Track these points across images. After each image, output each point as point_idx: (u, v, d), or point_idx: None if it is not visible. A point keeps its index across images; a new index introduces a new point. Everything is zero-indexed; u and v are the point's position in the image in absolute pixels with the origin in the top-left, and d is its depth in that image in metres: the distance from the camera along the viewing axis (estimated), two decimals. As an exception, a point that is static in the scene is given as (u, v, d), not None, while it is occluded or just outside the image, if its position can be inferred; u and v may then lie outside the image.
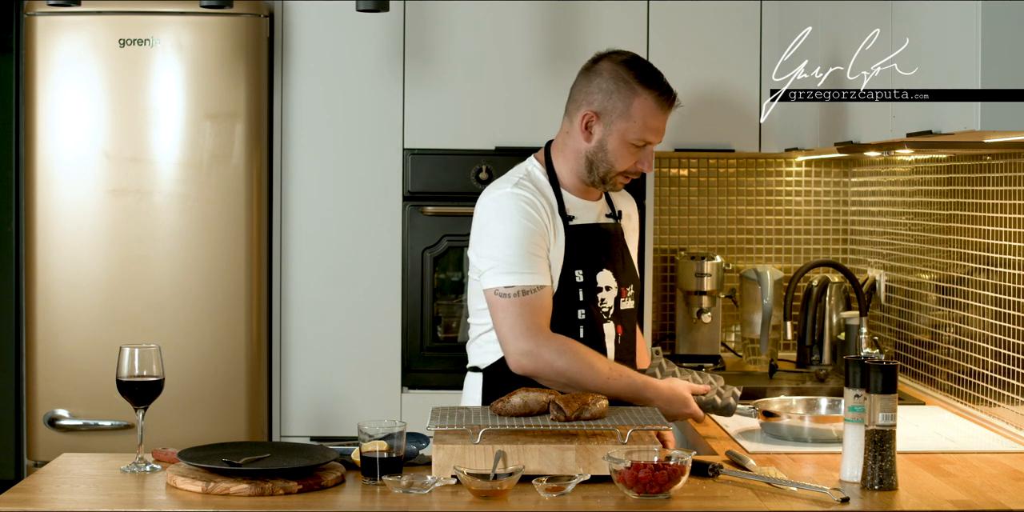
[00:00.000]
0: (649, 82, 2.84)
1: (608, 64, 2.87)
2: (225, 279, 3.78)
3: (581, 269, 2.85)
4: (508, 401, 2.58)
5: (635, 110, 2.83)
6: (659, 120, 2.85)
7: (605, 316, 2.88)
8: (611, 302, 2.90)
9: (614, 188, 2.92)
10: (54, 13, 3.70)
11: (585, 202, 2.92)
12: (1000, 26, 2.42)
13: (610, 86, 2.84)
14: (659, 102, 2.84)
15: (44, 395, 3.75)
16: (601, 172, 2.86)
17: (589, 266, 2.86)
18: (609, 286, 2.89)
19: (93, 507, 2.32)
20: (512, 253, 2.77)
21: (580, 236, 2.87)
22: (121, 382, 2.57)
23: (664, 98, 2.85)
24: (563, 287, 2.84)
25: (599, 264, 2.88)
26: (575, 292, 2.84)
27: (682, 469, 2.36)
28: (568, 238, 2.85)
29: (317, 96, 3.90)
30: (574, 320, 2.84)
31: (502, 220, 2.79)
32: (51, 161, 3.74)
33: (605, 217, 2.97)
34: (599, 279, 2.87)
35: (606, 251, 2.91)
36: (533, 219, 2.79)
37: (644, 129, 2.83)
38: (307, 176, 3.91)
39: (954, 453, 2.80)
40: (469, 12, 3.90)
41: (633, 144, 2.84)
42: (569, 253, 2.84)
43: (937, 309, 3.51)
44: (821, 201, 4.42)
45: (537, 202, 2.82)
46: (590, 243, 2.88)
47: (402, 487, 2.39)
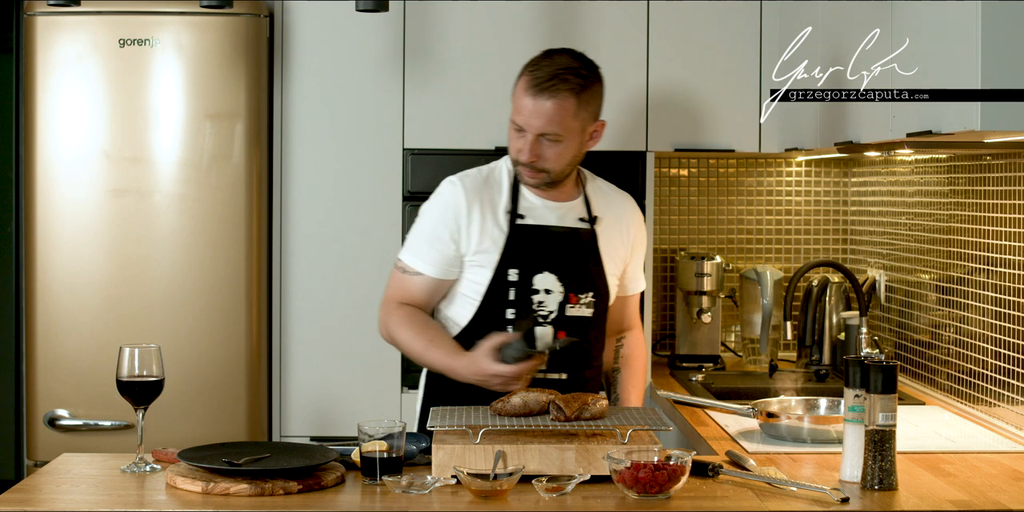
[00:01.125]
0: (532, 65, 2.83)
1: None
2: (225, 279, 3.78)
3: (517, 269, 2.84)
4: (508, 401, 2.59)
5: (515, 92, 2.85)
6: (525, 103, 2.79)
7: (541, 319, 2.85)
8: (552, 306, 2.86)
9: (523, 181, 2.87)
10: (54, 13, 3.70)
11: (548, 202, 2.89)
12: (1000, 26, 2.43)
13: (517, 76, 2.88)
14: (529, 83, 2.79)
15: (44, 395, 3.76)
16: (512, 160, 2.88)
17: (527, 267, 2.84)
18: (550, 289, 2.85)
19: (93, 507, 2.32)
20: (418, 236, 2.90)
21: (523, 236, 2.85)
22: (121, 382, 2.57)
23: (534, 81, 2.79)
24: (495, 284, 2.83)
25: (540, 266, 2.85)
26: (506, 290, 2.84)
27: (682, 469, 2.36)
28: (509, 236, 2.84)
29: (317, 96, 3.90)
30: (502, 318, 2.85)
31: (430, 207, 2.91)
32: (51, 161, 3.74)
33: (578, 221, 2.92)
34: (536, 281, 2.85)
35: (553, 255, 2.87)
36: (450, 211, 2.84)
37: (516, 110, 2.82)
38: (307, 176, 3.91)
39: (954, 453, 2.80)
40: (469, 12, 3.90)
41: (512, 127, 2.83)
42: (507, 251, 2.83)
43: (937, 309, 3.51)
44: (821, 201, 4.42)
45: (471, 197, 2.84)
46: (533, 244, 2.86)
47: (402, 487, 2.39)
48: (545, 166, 2.83)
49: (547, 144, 2.81)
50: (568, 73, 2.80)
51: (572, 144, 2.84)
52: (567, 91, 2.79)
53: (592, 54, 4.03)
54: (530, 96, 2.79)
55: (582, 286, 2.89)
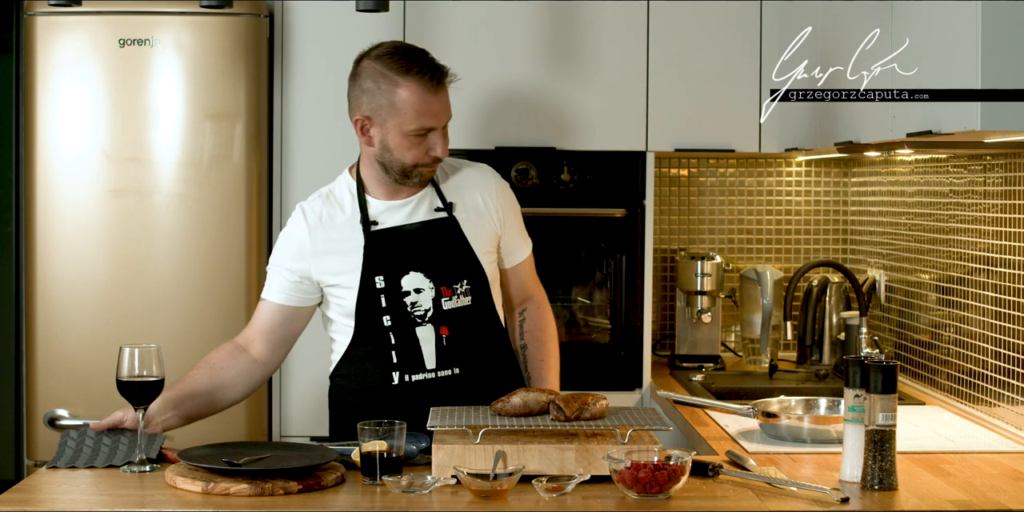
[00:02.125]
0: (408, 68, 2.75)
1: (367, 62, 2.80)
2: (225, 279, 3.78)
3: (382, 274, 2.82)
4: (508, 401, 2.58)
5: (402, 101, 2.74)
6: (430, 103, 2.75)
7: (419, 319, 2.83)
8: (427, 304, 2.84)
9: (422, 180, 2.84)
10: (54, 13, 3.70)
11: (395, 202, 2.86)
12: (1000, 26, 2.43)
13: (371, 85, 2.77)
14: (424, 85, 2.75)
15: (44, 395, 3.76)
16: (397, 170, 2.81)
17: (391, 271, 2.82)
18: (420, 288, 2.83)
19: (93, 507, 2.32)
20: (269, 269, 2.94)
21: (379, 242, 2.83)
22: (121, 382, 2.57)
23: (427, 79, 2.75)
24: (365, 295, 2.82)
25: (405, 267, 2.83)
26: (377, 299, 2.82)
27: (682, 469, 2.36)
28: (367, 245, 2.82)
29: (317, 96, 3.90)
30: (381, 327, 2.83)
31: (278, 242, 2.95)
32: (51, 161, 3.74)
33: (433, 212, 2.88)
34: (404, 283, 2.83)
35: (414, 253, 2.84)
36: (291, 244, 2.88)
37: (417, 117, 2.75)
38: (307, 176, 3.90)
39: (954, 453, 2.80)
40: (469, 12, 3.90)
41: (414, 135, 2.76)
42: (367, 260, 2.82)
43: (937, 309, 3.51)
44: (821, 201, 4.42)
45: (312, 223, 2.85)
46: (392, 247, 2.84)
47: (402, 487, 2.39)
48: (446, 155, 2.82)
49: (444, 132, 2.81)
50: (434, 60, 2.80)
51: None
52: (446, 78, 2.81)
53: (592, 54, 4.05)
54: (432, 95, 2.75)
55: (452, 277, 2.85)
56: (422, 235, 2.86)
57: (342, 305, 2.87)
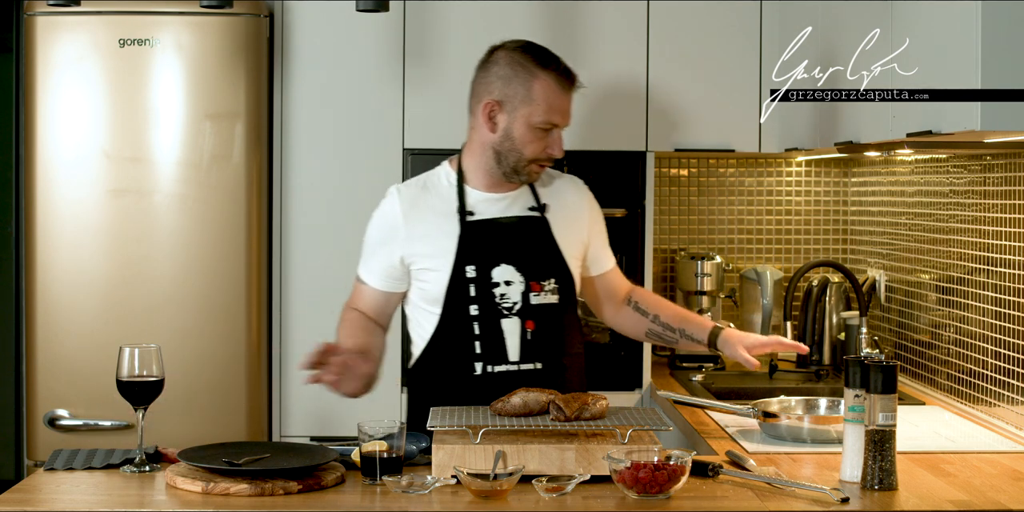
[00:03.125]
0: (546, 63, 2.84)
1: (503, 52, 2.88)
2: (225, 279, 3.78)
3: (473, 264, 2.85)
4: (508, 401, 2.59)
5: (536, 92, 2.82)
6: (562, 100, 2.84)
7: (506, 311, 2.86)
8: (515, 297, 2.86)
9: (530, 178, 2.89)
10: (54, 13, 3.70)
11: (493, 195, 2.91)
12: (1000, 26, 2.43)
13: (508, 72, 2.84)
14: (559, 82, 2.83)
15: (44, 395, 3.76)
16: (511, 162, 2.86)
17: (483, 261, 2.85)
18: (510, 281, 2.86)
19: (93, 507, 2.32)
20: (364, 248, 2.97)
21: (475, 232, 2.87)
22: (121, 382, 2.57)
23: (563, 78, 2.84)
24: (455, 282, 2.84)
25: (496, 259, 2.86)
26: (466, 288, 2.84)
27: (682, 469, 2.36)
28: (462, 235, 2.86)
29: (317, 96, 3.90)
30: (467, 316, 2.85)
31: (371, 222, 2.97)
32: (51, 161, 3.74)
33: (526, 210, 2.92)
34: (495, 274, 2.86)
35: (508, 246, 2.88)
36: (384, 223, 2.91)
37: (548, 111, 2.82)
38: (307, 176, 3.91)
39: (954, 453, 2.80)
40: (469, 12, 3.90)
41: (539, 128, 2.83)
42: (461, 249, 2.85)
43: (937, 309, 3.51)
44: (821, 201, 4.42)
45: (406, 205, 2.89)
46: (487, 238, 2.87)
47: (402, 487, 2.39)
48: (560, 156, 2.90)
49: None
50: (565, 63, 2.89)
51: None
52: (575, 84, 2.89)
53: (592, 54, 4.05)
54: (564, 93, 2.85)
55: (542, 273, 2.89)
56: (517, 229, 2.90)
57: (428, 290, 2.88)
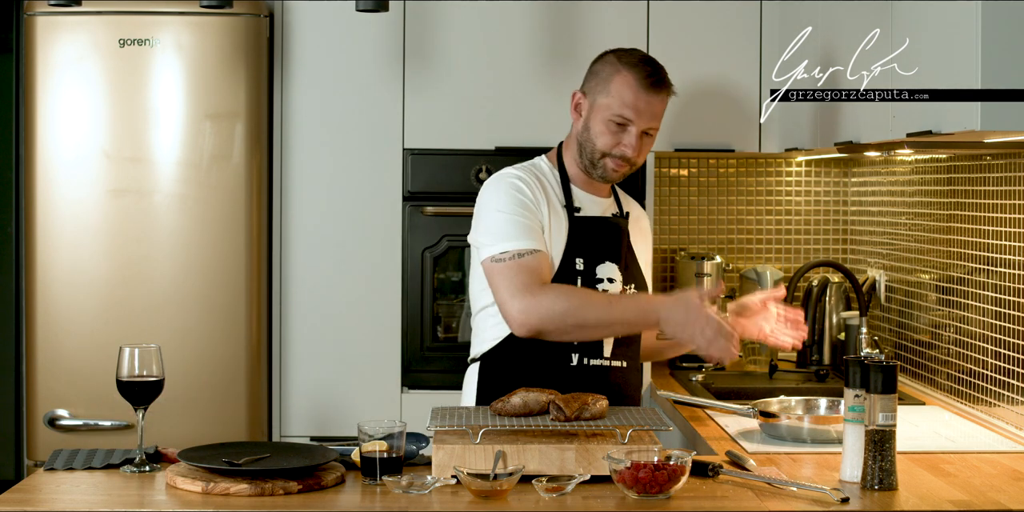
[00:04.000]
0: (634, 63, 2.89)
1: (610, 55, 2.95)
2: (225, 279, 3.78)
3: (582, 258, 2.87)
4: (508, 401, 2.59)
5: (613, 86, 2.88)
6: (638, 98, 2.86)
7: None
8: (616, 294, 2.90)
9: (605, 175, 2.90)
10: (54, 13, 3.70)
11: (591, 197, 2.96)
12: (1000, 26, 2.43)
13: (599, 68, 2.94)
14: (639, 80, 2.87)
15: (44, 395, 3.75)
16: (588, 153, 2.90)
17: (591, 256, 2.88)
18: (612, 278, 2.90)
19: (93, 507, 2.32)
20: (504, 222, 2.81)
21: (585, 226, 2.90)
22: (121, 382, 2.57)
23: (646, 77, 2.87)
24: (564, 274, 2.85)
25: (602, 256, 2.90)
26: (574, 280, 2.86)
27: (682, 469, 2.36)
28: (572, 227, 2.88)
29: (317, 96, 3.90)
30: None
31: (496, 196, 2.85)
32: (51, 161, 3.74)
33: (612, 216, 2.99)
34: (599, 270, 2.89)
35: (611, 245, 2.92)
36: (524, 193, 2.84)
37: (621, 105, 2.86)
38: (307, 176, 3.91)
39: (954, 453, 2.80)
40: (469, 12, 3.90)
41: (612, 121, 2.86)
42: (571, 241, 2.87)
43: (937, 309, 3.51)
44: (821, 201, 4.42)
45: (533, 183, 2.88)
46: (595, 234, 2.91)
47: (402, 487, 2.39)
48: (638, 160, 2.91)
49: (644, 139, 2.91)
50: (665, 74, 2.93)
51: (654, 141, 2.96)
52: (668, 91, 2.93)
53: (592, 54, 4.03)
54: (644, 91, 2.87)
55: (630, 278, 2.96)
56: (618, 231, 2.95)
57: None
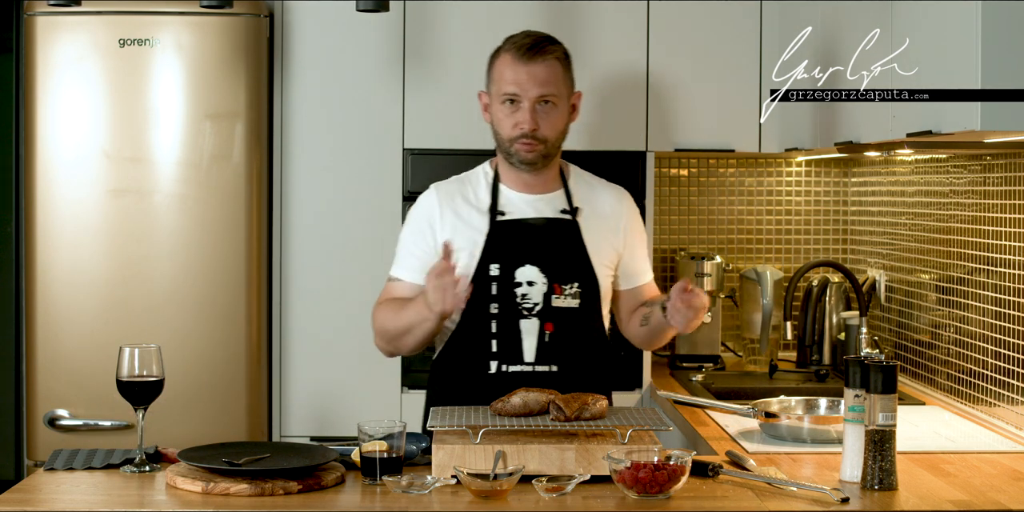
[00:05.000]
0: (509, 41, 2.90)
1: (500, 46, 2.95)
2: (225, 279, 3.78)
3: (498, 263, 2.86)
4: (508, 401, 2.59)
5: (495, 70, 2.89)
6: (517, 70, 2.84)
7: (526, 312, 2.86)
8: (537, 298, 2.87)
9: (523, 160, 2.87)
10: (54, 13, 3.70)
11: (527, 197, 2.93)
12: (1000, 26, 2.43)
13: (489, 62, 2.93)
14: (513, 53, 2.86)
15: (44, 395, 3.75)
16: (500, 144, 2.90)
17: (509, 260, 2.87)
18: (532, 281, 2.87)
19: (93, 507, 2.32)
20: (399, 247, 2.98)
21: (506, 230, 2.88)
22: (121, 382, 2.57)
23: (518, 48, 2.86)
24: (478, 281, 2.85)
25: (521, 259, 2.87)
26: (488, 286, 2.86)
27: (682, 469, 2.36)
28: (491, 233, 2.87)
29: (317, 96, 3.90)
30: (486, 313, 2.86)
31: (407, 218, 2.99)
32: (51, 161, 3.74)
33: (559, 213, 2.93)
34: (519, 274, 2.87)
35: (534, 247, 2.88)
36: (419, 219, 2.93)
37: (504, 83, 2.85)
38: (307, 176, 3.90)
39: (954, 453, 2.80)
40: (469, 12, 3.90)
41: (504, 104, 2.86)
42: (488, 247, 2.86)
43: (937, 309, 3.51)
44: (821, 201, 4.42)
45: (443, 199, 2.92)
46: (516, 238, 2.89)
47: (402, 487, 2.39)
48: (544, 134, 2.86)
49: (543, 111, 2.86)
50: (548, 42, 2.90)
51: (563, 111, 2.90)
52: (553, 56, 2.88)
53: (592, 54, 4.04)
54: (522, 63, 2.85)
55: (566, 276, 2.89)
56: (544, 231, 2.91)
57: None
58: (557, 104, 2.86)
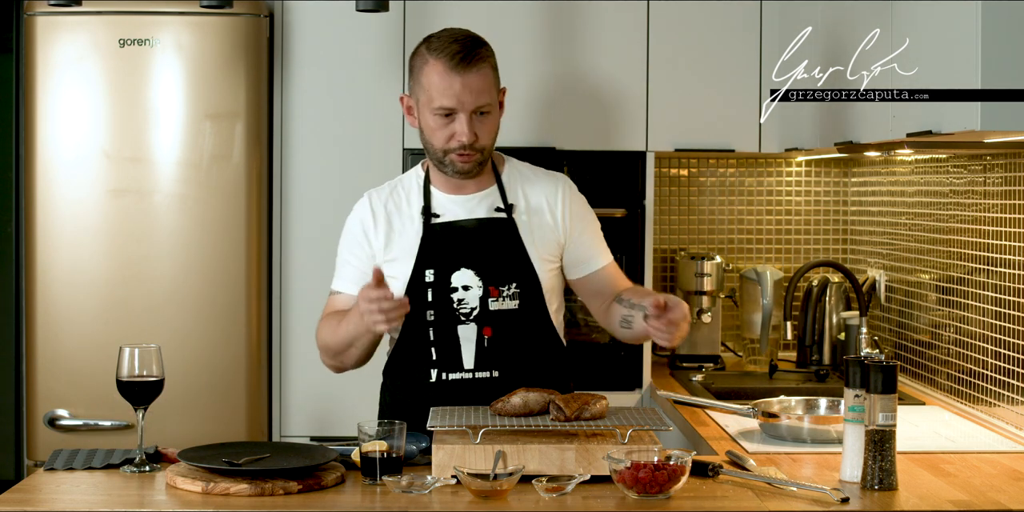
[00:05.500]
0: (436, 47, 2.74)
1: (421, 45, 2.80)
2: (225, 279, 3.78)
3: (432, 268, 2.80)
4: (508, 401, 2.59)
5: (424, 78, 2.75)
6: (451, 83, 2.71)
7: (464, 317, 2.81)
8: (473, 302, 2.80)
9: (458, 170, 2.79)
10: (54, 13, 3.70)
11: (457, 198, 2.85)
12: (1000, 26, 2.43)
13: (413, 63, 2.80)
14: (446, 64, 2.71)
15: (44, 395, 3.75)
16: (432, 153, 2.80)
17: (443, 265, 2.80)
18: (468, 286, 2.81)
19: (93, 507, 2.32)
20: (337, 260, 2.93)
21: (437, 236, 2.82)
22: (121, 382, 2.57)
23: (450, 58, 2.71)
24: (413, 287, 2.80)
25: (457, 263, 2.80)
26: (424, 292, 2.80)
27: (682, 469, 2.36)
28: (424, 238, 2.82)
29: (317, 96, 3.90)
30: (423, 321, 2.81)
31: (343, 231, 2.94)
32: (51, 161, 3.74)
33: (493, 211, 2.85)
34: (454, 279, 2.80)
35: (469, 250, 2.82)
36: (353, 231, 2.89)
37: (438, 95, 2.72)
38: (307, 176, 3.91)
39: (954, 453, 2.80)
40: (469, 12, 3.90)
41: (437, 115, 2.75)
42: (422, 253, 2.81)
43: (937, 309, 3.51)
44: (821, 201, 4.42)
45: (375, 207, 2.87)
46: (448, 242, 2.82)
47: (402, 487, 2.39)
48: (483, 144, 2.78)
49: (479, 120, 2.77)
50: (477, 45, 2.77)
51: (496, 114, 2.82)
52: (485, 62, 2.76)
53: (592, 54, 4.05)
54: (456, 74, 2.72)
55: (503, 278, 2.82)
56: (477, 233, 2.83)
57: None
58: (491, 111, 2.78)
